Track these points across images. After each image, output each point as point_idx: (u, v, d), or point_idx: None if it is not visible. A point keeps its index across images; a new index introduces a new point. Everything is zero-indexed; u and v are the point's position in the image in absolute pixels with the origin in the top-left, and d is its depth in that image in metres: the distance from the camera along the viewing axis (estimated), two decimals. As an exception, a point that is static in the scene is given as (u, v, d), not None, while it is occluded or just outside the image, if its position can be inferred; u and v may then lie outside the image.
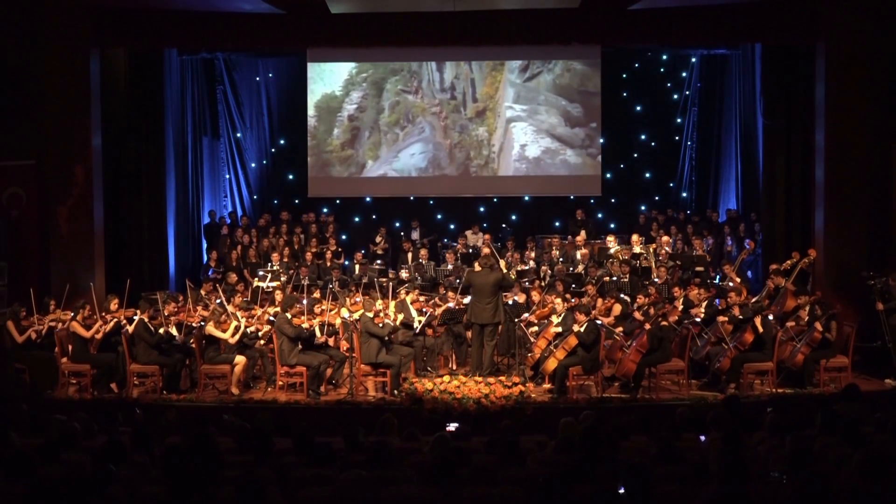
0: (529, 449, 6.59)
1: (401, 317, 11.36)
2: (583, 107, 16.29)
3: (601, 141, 16.32)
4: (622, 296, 11.99)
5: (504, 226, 16.62)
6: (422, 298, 12.20)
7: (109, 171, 13.59)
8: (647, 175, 17.15)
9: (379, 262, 14.78)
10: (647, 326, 10.44)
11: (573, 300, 11.57)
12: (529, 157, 16.41)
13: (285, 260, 14.37)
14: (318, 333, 10.69)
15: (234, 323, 10.67)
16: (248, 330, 10.96)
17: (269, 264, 14.15)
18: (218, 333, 10.58)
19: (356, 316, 11.02)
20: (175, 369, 10.69)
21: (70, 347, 10.82)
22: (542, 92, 16.31)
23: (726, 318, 10.73)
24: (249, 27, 13.38)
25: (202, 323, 10.97)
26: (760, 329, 10.42)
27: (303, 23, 13.41)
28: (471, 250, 14.40)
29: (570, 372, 10.34)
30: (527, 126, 16.36)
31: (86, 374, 10.71)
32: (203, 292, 12.40)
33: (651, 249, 13.91)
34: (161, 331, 10.66)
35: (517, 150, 16.40)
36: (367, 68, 16.41)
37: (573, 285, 12.79)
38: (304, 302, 11.11)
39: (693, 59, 16.61)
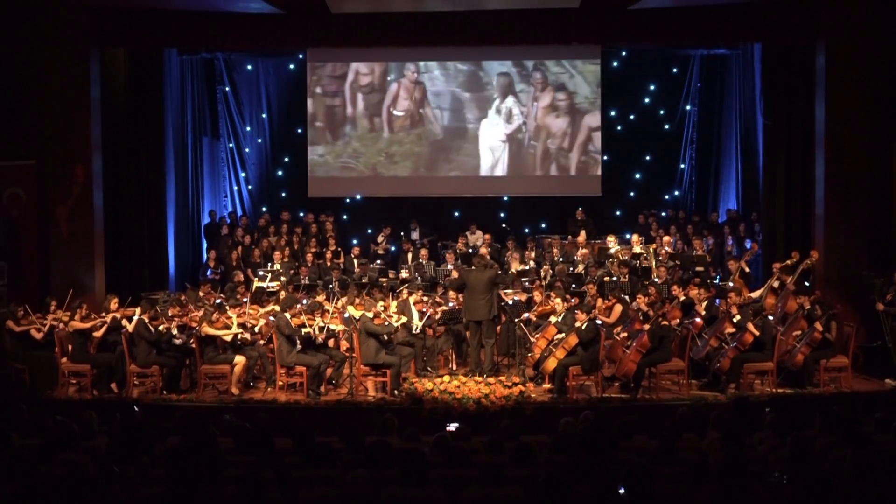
0: (531, 449, 6.59)
1: (403, 318, 11.35)
2: (583, 105, 16.28)
3: (601, 140, 16.33)
4: (623, 296, 11.99)
5: (504, 226, 16.62)
6: (423, 299, 12.19)
7: (109, 171, 13.59)
8: (647, 175, 17.12)
9: (379, 262, 14.77)
10: (647, 327, 10.45)
11: (573, 300, 11.57)
12: (530, 154, 16.41)
13: (285, 260, 14.37)
14: (316, 332, 10.67)
15: (234, 330, 10.66)
16: (246, 325, 10.93)
17: (270, 264, 14.15)
18: (213, 331, 10.56)
19: (357, 314, 11.02)
20: (175, 369, 10.69)
21: (70, 347, 10.82)
22: (542, 90, 16.30)
23: (734, 328, 10.71)
24: (249, 27, 13.38)
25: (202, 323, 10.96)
26: (756, 332, 10.42)
27: (303, 23, 13.42)
28: (471, 250, 14.39)
29: (570, 372, 10.35)
30: (527, 124, 16.36)
31: (86, 374, 10.71)
32: (201, 293, 12.39)
33: (651, 249, 13.90)
34: (161, 328, 10.66)
35: (517, 149, 16.40)
36: (368, 66, 16.41)
37: (573, 285, 12.79)
38: (305, 302, 11.10)
39: (693, 59, 16.60)
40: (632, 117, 16.93)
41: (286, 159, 17.17)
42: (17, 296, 11.77)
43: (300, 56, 16.56)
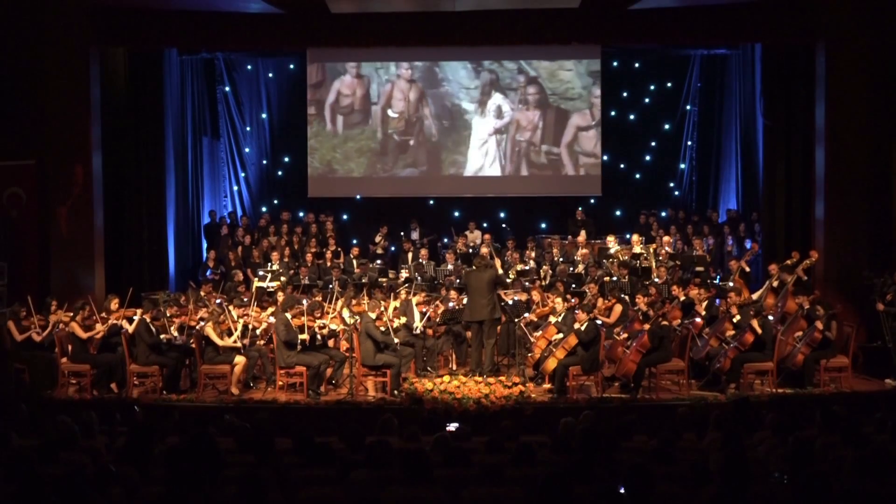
0: (531, 449, 6.59)
1: (403, 319, 11.34)
2: (583, 106, 16.29)
3: (601, 141, 16.33)
4: (623, 296, 11.99)
5: (504, 226, 16.62)
6: (425, 300, 12.18)
7: (109, 171, 13.59)
8: (647, 175, 17.12)
9: (379, 262, 14.77)
10: (647, 327, 10.45)
11: (573, 300, 11.57)
12: (529, 155, 16.42)
13: (285, 260, 14.38)
14: (316, 335, 10.66)
15: (235, 335, 10.65)
16: (249, 327, 10.94)
17: (269, 264, 14.15)
18: (215, 338, 10.55)
19: (355, 317, 11.00)
20: (175, 369, 10.69)
21: (70, 347, 10.82)
22: (542, 91, 16.31)
23: (733, 330, 10.71)
24: (249, 27, 13.39)
25: (202, 323, 10.96)
26: (759, 331, 10.42)
27: (303, 23, 13.42)
28: (471, 250, 14.39)
29: (570, 372, 10.34)
30: (527, 124, 16.36)
31: (86, 374, 10.71)
32: (203, 293, 12.40)
33: (651, 249, 13.91)
34: (162, 337, 10.66)
35: (517, 149, 16.41)
36: (367, 66, 16.42)
37: (573, 285, 12.79)
38: (305, 302, 11.10)
39: (693, 59, 16.60)
40: (632, 117, 16.93)
41: (286, 159, 17.18)
42: (18, 296, 11.76)
43: (300, 56, 16.55)
